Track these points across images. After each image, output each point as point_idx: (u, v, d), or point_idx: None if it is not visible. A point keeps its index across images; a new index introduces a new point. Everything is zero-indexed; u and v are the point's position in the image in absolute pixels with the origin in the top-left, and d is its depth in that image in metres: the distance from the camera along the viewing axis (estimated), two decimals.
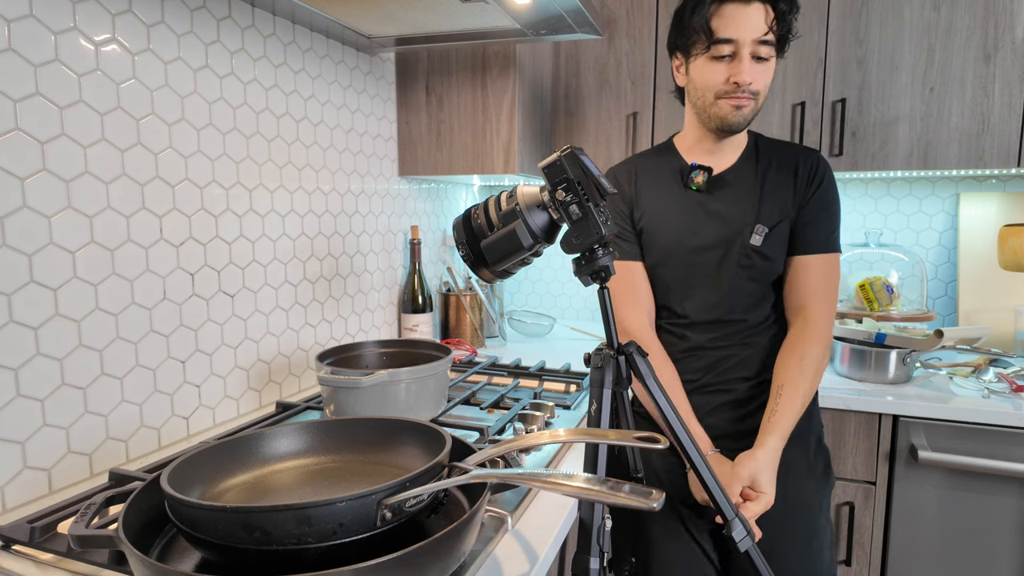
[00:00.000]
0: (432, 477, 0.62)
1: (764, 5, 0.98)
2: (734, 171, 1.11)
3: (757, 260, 1.08)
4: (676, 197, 1.12)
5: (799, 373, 1.03)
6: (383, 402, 1.04)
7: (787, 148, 1.12)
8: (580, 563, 0.72)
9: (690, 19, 1.01)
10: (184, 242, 1.06)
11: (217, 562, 0.60)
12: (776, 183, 1.09)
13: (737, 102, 1.02)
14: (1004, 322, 1.75)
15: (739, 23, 0.98)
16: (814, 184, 1.08)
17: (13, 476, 0.83)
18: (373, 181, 1.58)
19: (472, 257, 0.80)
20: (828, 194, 1.09)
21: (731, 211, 1.09)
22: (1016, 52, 1.48)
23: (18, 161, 0.81)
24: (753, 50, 0.99)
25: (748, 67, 0.99)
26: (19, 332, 0.83)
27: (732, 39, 0.98)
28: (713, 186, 1.10)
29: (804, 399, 1.03)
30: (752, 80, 1.00)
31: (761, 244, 1.07)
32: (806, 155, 1.10)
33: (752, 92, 1.01)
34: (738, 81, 1.00)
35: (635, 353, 0.76)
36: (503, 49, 1.57)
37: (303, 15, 1.24)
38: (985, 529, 1.34)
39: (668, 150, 1.18)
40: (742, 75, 0.99)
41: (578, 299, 2.29)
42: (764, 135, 1.16)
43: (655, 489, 0.52)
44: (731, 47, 0.99)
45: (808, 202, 1.08)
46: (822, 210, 1.08)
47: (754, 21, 0.98)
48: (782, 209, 1.08)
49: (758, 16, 0.98)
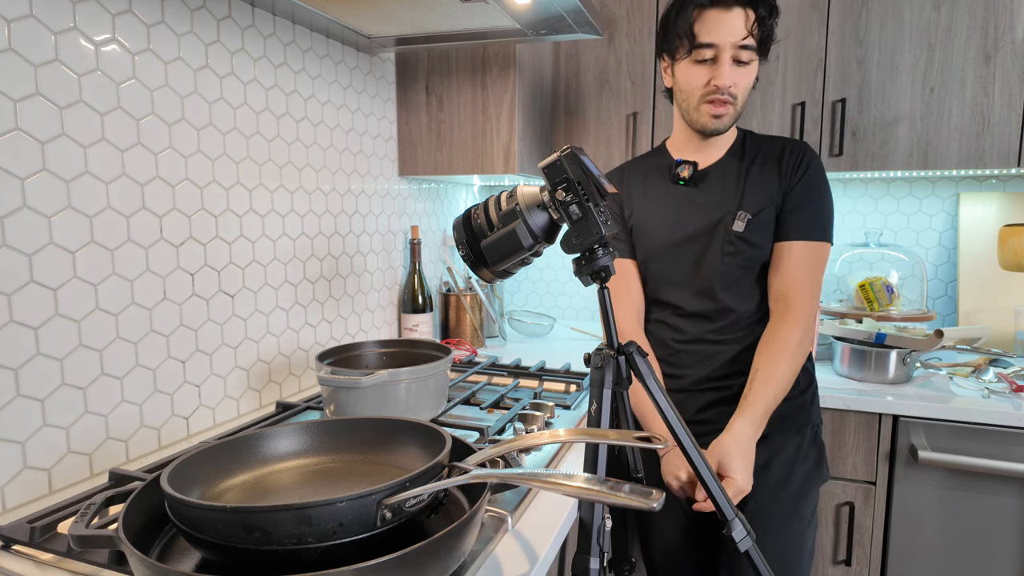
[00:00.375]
0: (432, 477, 0.62)
1: (744, 10, 1.01)
2: (719, 165, 1.14)
3: (742, 246, 1.09)
4: (664, 193, 1.16)
5: (772, 357, 1.04)
6: (383, 402, 1.04)
7: (774, 141, 1.15)
8: (580, 563, 0.72)
9: (674, 23, 1.05)
10: (184, 242, 1.06)
11: (217, 562, 0.60)
12: (760, 173, 1.11)
13: (716, 109, 1.06)
14: (1004, 322, 1.75)
15: (720, 28, 1.01)
16: (799, 171, 1.10)
17: (13, 476, 0.83)
18: (373, 181, 1.58)
19: (472, 257, 0.80)
20: (814, 181, 1.10)
21: (714, 200, 1.12)
22: (1016, 52, 1.48)
23: (18, 161, 0.81)
24: (734, 54, 1.02)
25: (728, 71, 1.03)
26: (19, 332, 0.83)
27: (713, 43, 1.02)
28: (699, 179, 1.14)
29: (780, 383, 1.03)
30: (732, 83, 1.04)
31: (744, 230, 1.09)
32: (792, 145, 1.12)
33: (731, 94, 1.05)
34: (718, 84, 1.03)
35: (635, 353, 0.76)
36: (503, 49, 1.57)
37: (303, 15, 1.24)
38: (985, 529, 1.34)
39: (659, 152, 1.22)
40: (722, 79, 1.03)
41: (578, 299, 2.29)
42: (754, 132, 1.18)
43: (655, 489, 0.52)
44: (712, 51, 1.03)
45: (793, 188, 1.10)
46: (807, 197, 1.09)
47: (734, 26, 1.01)
48: (766, 196, 1.10)
49: (738, 21, 1.01)
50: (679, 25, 1.04)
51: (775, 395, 1.02)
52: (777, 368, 1.03)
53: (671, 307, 1.16)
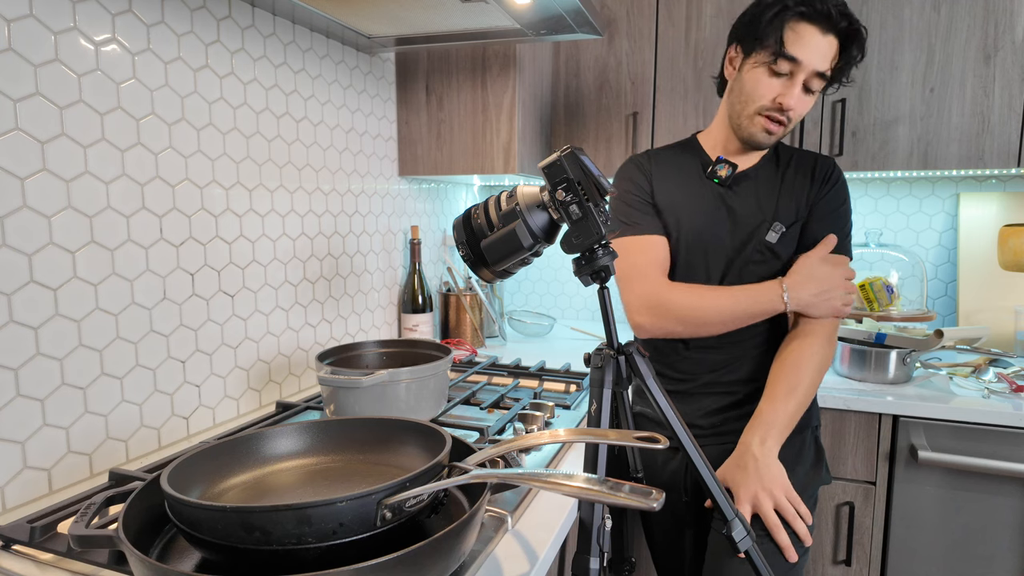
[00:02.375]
0: (432, 477, 0.62)
1: (838, 40, 0.97)
2: (756, 170, 1.11)
3: (769, 257, 1.08)
4: (695, 189, 1.12)
5: (784, 373, 1.02)
6: (383, 402, 1.03)
7: (804, 153, 1.13)
8: (580, 563, 0.72)
9: (768, 22, 0.98)
10: (184, 242, 1.06)
11: (217, 562, 0.60)
12: (795, 183, 1.09)
13: (771, 127, 1.02)
14: (1004, 322, 1.75)
15: (811, 48, 0.97)
16: (827, 185, 1.09)
17: (13, 476, 0.83)
18: (373, 181, 1.58)
19: (472, 257, 0.80)
20: (838, 197, 1.09)
21: (751, 206, 1.09)
22: (1016, 52, 1.48)
23: (18, 161, 0.81)
24: (808, 78, 0.99)
25: (799, 93, 0.99)
26: (19, 332, 0.83)
27: (799, 60, 0.97)
28: (734, 182, 1.10)
29: (795, 398, 1.00)
30: (795, 107, 1.00)
31: (776, 241, 1.07)
32: (823, 160, 1.11)
33: (788, 118, 1.02)
34: (784, 103, 0.99)
35: (635, 353, 0.76)
36: (503, 49, 1.57)
37: (303, 15, 1.24)
38: (985, 529, 1.34)
39: (691, 145, 1.17)
40: (790, 99, 0.99)
41: (578, 299, 2.29)
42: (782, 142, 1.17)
43: (655, 489, 0.52)
44: (793, 67, 0.98)
45: (819, 202, 1.08)
46: (830, 211, 1.08)
47: (824, 51, 0.97)
48: (798, 209, 1.08)
49: (829, 48, 0.97)
50: (772, 25, 0.98)
51: (791, 411, 1.00)
52: (782, 383, 1.01)
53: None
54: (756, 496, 0.95)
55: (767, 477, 0.95)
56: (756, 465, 0.96)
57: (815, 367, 1.03)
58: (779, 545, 0.94)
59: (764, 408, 1.01)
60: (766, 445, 0.97)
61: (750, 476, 0.96)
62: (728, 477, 0.99)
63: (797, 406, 1.00)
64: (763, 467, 0.95)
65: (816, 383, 1.03)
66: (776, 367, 1.05)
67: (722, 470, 1.00)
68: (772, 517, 0.94)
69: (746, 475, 0.96)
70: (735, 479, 0.97)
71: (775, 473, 0.96)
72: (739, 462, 0.98)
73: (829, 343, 1.05)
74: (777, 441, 0.98)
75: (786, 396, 1.00)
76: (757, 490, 0.95)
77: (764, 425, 0.99)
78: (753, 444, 0.97)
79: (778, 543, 0.94)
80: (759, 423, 0.99)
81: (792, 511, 0.95)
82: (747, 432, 1.00)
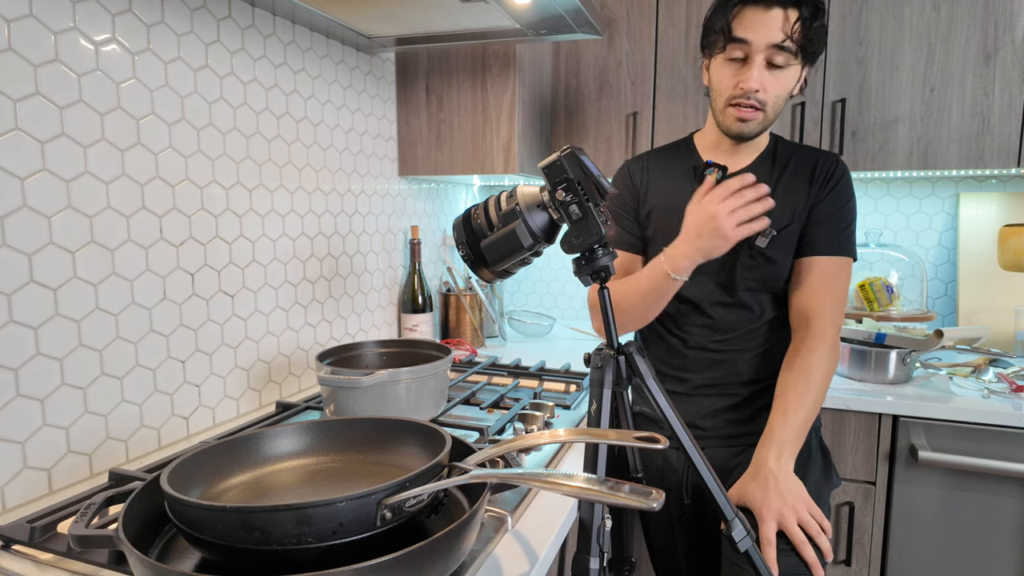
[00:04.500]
0: (432, 477, 0.62)
1: (785, 11, 0.96)
2: (749, 171, 1.09)
3: (762, 262, 1.06)
4: (687, 193, 1.09)
5: (792, 384, 1.00)
6: (383, 402, 1.04)
7: (807, 151, 1.11)
8: (580, 563, 0.72)
9: (716, 19, 1.00)
10: (184, 242, 1.06)
11: (217, 562, 0.60)
12: (790, 186, 1.07)
13: (741, 113, 1.01)
14: (1004, 322, 1.75)
15: (755, 26, 0.96)
16: (829, 185, 1.06)
17: (13, 476, 0.83)
18: (373, 181, 1.58)
19: (472, 257, 0.80)
20: (842, 196, 1.07)
21: None
22: (1016, 52, 1.48)
23: (18, 161, 0.81)
24: (768, 55, 0.97)
25: (758, 74, 0.97)
26: (19, 332, 0.83)
27: (746, 40, 0.97)
28: None
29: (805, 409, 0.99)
30: (760, 88, 0.98)
31: (767, 247, 1.05)
32: (825, 158, 1.09)
33: (759, 100, 0.99)
34: (744, 87, 0.98)
35: (635, 353, 0.76)
36: (503, 49, 1.57)
37: (303, 15, 1.24)
38: (985, 529, 1.34)
39: (686, 147, 1.17)
40: (749, 81, 0.98)
41: (578, 299, 2.29)
42: (785, 139, 1.14)
43: (655, 489, 0.52)
44: (744, 49, 0.98)
45: (820, 202, 1.06)
46: (834, 211, 1.06)
47: (771, 25, 0.96)
48: (792, 212, 1.06)
49: (776, 22, 0.96)
50: (717, 20, 1.00)
51: (800, 423, 0.98)
52: (793, 395, 0.99)
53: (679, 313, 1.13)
54: (780, 513, 0.92)
55: (788, 494, 0.93)
56: (776, 483, 0.93)
57: (823, 376, 1.01)
58: (807, 562, 0.91)
59: (776, 422, 0.98)
60: (782, 460, 0.95)
61: (771, 494, 0.93)
62: (747, 495, 0.95)
63: (807, 417, 0.99)
64: (783, 484, 0.93)
65: (824, 391, 1.01)
66: (784, 377, 1.03)
67: (738, 488, 0.98)
68: (799, 534, 0.91)
69: (767, 493, 0.93)
70: (755, 498, 0.94)
71: (794, 489, 0.93)
72: (757, 480, 0.95)
73: (834, 349, 1.03)
74: (792, 455, 0.96)
75: (796, 408, 0.98)
76: (780, 507, 0.92)
77: (778, 440, 0.96)
78: (769, 460, 0.95)
79: (805, 560, 0.91)
80: (772, 439, 0.97)
81: (816, 527, 0.92)
82: (761, 448, 0.98)
